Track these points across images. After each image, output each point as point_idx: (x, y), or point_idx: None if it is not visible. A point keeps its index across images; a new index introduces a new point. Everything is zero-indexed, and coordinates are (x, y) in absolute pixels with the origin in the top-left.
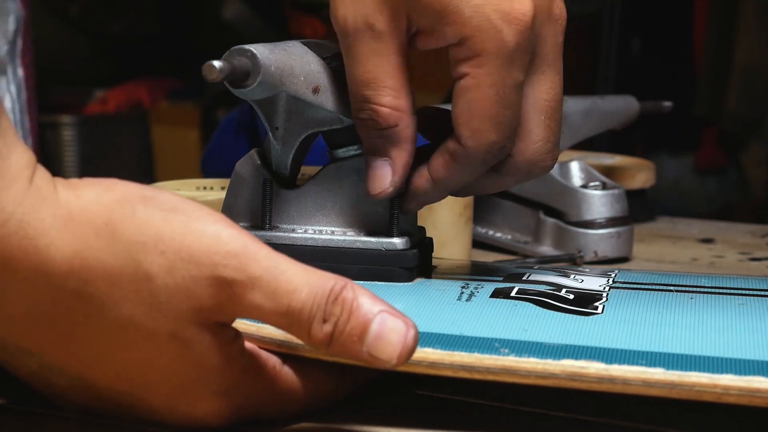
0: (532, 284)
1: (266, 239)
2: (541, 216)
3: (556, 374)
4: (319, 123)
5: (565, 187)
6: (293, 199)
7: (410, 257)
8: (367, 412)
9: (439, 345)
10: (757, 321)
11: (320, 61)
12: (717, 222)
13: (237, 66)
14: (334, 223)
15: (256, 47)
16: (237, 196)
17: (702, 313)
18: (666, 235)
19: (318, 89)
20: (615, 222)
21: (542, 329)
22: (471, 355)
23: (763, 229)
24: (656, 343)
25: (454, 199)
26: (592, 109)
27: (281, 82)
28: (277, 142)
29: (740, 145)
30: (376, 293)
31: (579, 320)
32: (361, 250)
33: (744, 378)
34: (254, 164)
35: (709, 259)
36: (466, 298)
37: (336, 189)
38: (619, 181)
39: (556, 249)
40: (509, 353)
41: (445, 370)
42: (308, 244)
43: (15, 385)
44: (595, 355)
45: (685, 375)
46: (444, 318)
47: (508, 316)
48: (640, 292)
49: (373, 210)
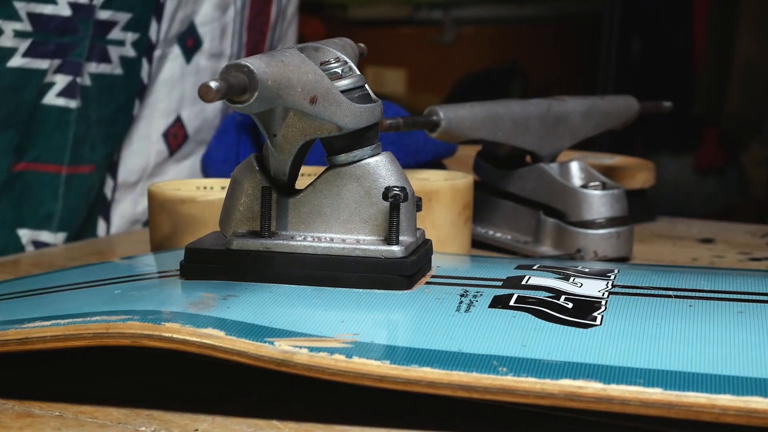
0: (531, 290)
1: (265, 247)
2: (541, 216)
3: (554, 394)
4: (317, 130)
5: (565, 187)
6: (292, 206)
7: (409, 265)
8: (368, 412)
9: (437, 363)
10: (756, 334)
11: (317, 69)
12: (717, 222)
13: (233, 83)
14: (333, 229)
15: (253, 61)
16: (235, 203)
17: (700, 324)
18: (666, 235)
19: (315, 99)
20: (615, 222)
21: (541, 344)
22: (469, 375)
23: (763, 229)
24: (654, 359)
25: (454, 199)
26: (592, 109)
27: (278, 95)
28: (275, 149)
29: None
30: (375, 302)
31: (578, 333)
32: (360, 257)
33: (742, 398)
34: (252, 170)
35: (709, 259)
36: (464, 308)
37: (335, 196)
38: (619, 181)
39: (556, 249)
40: (507, 372)
41: (444, 390)
42: (307, 252)
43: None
44: (593, 373)
45: (683, 395)
46: (442, 333)
47: (507, 330)
48: (639, 298)
49: (372, 217)
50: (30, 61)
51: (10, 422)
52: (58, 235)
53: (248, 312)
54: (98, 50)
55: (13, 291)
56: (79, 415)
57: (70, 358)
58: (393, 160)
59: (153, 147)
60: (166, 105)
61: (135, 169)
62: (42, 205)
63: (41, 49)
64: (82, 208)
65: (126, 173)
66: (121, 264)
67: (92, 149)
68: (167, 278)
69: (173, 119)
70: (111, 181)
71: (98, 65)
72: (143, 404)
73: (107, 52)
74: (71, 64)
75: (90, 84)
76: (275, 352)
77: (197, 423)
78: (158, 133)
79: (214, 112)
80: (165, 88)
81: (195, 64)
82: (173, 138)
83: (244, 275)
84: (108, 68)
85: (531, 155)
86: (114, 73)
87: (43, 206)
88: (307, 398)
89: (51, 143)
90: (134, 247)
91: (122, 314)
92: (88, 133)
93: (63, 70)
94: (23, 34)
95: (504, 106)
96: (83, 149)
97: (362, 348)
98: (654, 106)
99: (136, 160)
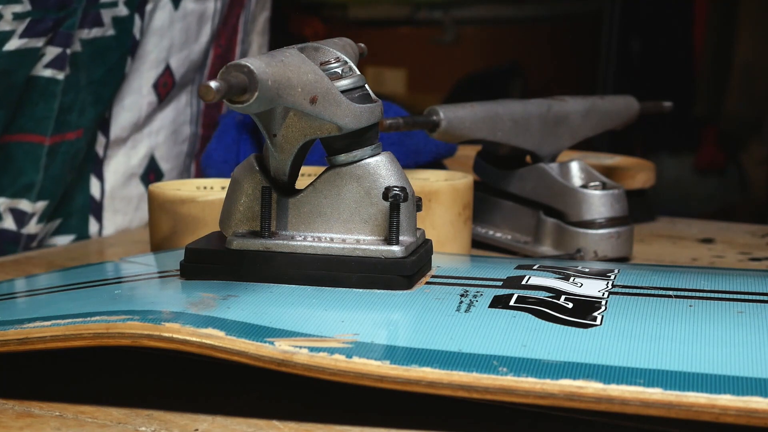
0: (531, 290)
1: (265, 247)
2: (541, 216)
3: (555, 394)
4: (317, 130)
5: (565, 187)
6: (292, 206)
7: (409, 265)
8: (368, 412)
9: (437, 363)
10: (756, 334)
11: (317, 69)
12: (717, 222)
13: (233, 83)
14: (333, 229)
15: (253, 62)
16: (235, 203)
17: (700, 324)
18: (666, 235)
19: (315, 99)
20: (615, 222)
21: (541, 344)
22: (469, 375)
23: (763, 229)
24: (654, 359)
25: (453, 199)
26: (592, 109)
27: (278, 95)
28: (276, 149)
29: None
30: (375, 302)
31: (578, 333)
32: (360, 257)
33: (742, 398)
34: (252, 170)
35: (709, 259)
36: (464, 308)
37: (335, 196)
38: (619, 181)
39: (556, 249)
40: (508, 372)
41: (444, 390)
42: (307, 252)
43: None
44: (594, 373)
45: (683, 395)
46: (443, 332)
47: (507, 330)
48: (639, 298)
49: (372, 217)
50: (27, 41)
51: (10, 422)
52: (37, 204)
53: (248, 312)
54: (91, 16)
55: (13, 291)
56: (79, 415)
57: (70, 358)
58: (393, 160)
59: (144, 99)
60: (155, 56)
61: (127, 125)
62: (22, 176)
63: (39, 27)
64: (65, 175)
65: (118, 130)
66: (121, 264)
67: (81, 114)
68: (167, 278)
69: (162, 69)
70: (103, 138)
71: (90, 30)
72: (143, 404)
73: (100, 15)
74: (62, 36)
75: (81, 50)
76: (275, 352)
77: (197, 423)
78: (148, 85)
79: (199, 54)
80: (155, 38)
81: (183, 9)
82: (163, 87)
83: (244, 275)
84: (100, 32)
85: (531, 155)
86: (106, 35)
87: (23, 176)
88: (307, 398)
89: (35, 113)
90: (134, 247)
91: (122, 314)
92: (77, 99)
93: (53, 42)
94: (22, 15)
95: (504, 106)
96: (70, 116)
97: (362, 348)
98: (654, 106)
99: (128, 115)
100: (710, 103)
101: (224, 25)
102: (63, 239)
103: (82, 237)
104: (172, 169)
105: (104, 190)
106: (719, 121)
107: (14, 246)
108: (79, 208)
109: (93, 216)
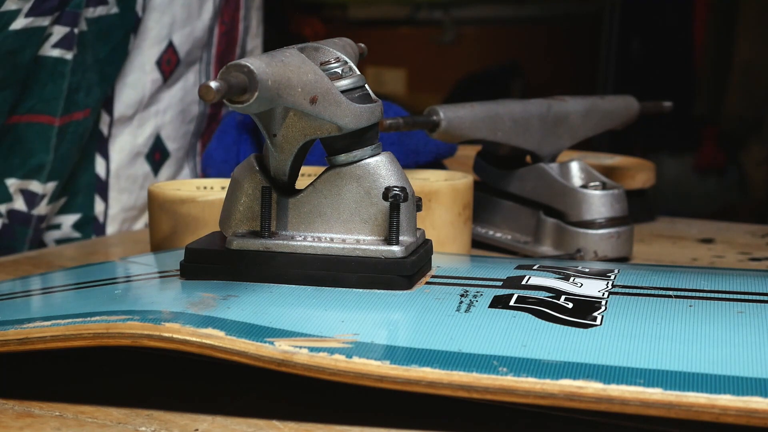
0: (531, 290)
1: (265, 247)
2: (541, 216)
3: (555, 394)
4: (317, 130)
5: (565, 187)
6: (292, 205)
7: (409, 265)
8: (368, 412)
9: (437, 363)
10: (756, 334)
11: (317, 69)
12: (717, 222)
13: (233, 83)
14: (333, 229)
15: (253, 62)
16: (235, 203)
17: (700, 324)
18: (666, 235)
19: (315, 99)
20: (615, 222)
21: (541, 344)
22: (469, 375)
23: (763, 229)
24: (654, 359)
25: (454, 199)
26: (592, 109)
27: (278, 95)
28: (275, 149)
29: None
30: (375, 302)
31: (578, 333)
32: (360, 257)
33: (742, 398)
34: (252, 170)
35: (709, 259)
36: (464, 308)
37: (335, 196)
38: (619, 181)
39: (556, 249)
40: (507, 372)
41: (444, 390)
42: (307, 252)
43: (15, 385)
44: (594, 373)
45: (683, 395)
46: (443, 332)
47: (507, 330)
48: (639, 298)
49: (372, 217)
50: (33, 20)
51: (10, 422)
52: (47, 185)
53: (248, 312)
54: None
55: (13, 291)
56: (79, 415)
57: (70, 358)
58: (393, 160)
59: (147, 77)
60: (157, 32)
61: (131, 103)
62: (32, 157)
63: (44, 6)
64: (74, 155)
65: (122, 107)
66: (121, 264)
67: (87, 93)
68: (167, 278)
69: (165, 45)
70: (107, 116)
71: (95, 9)
72: (143, 404)
73: None
74: (69, 15)
75: (86, 29)
76: (275, 352)
77: (197, 423)
78: (151, 63)
79: (203, 31)
80: (156, 14)
81: None
82: (167, 65)
83: (244, 275)
84: (104, 10)
85: (531, 155)
86: (110, 13)
87: (34, 158)
88: (307, 398)
89: (44, 94)
90: (134, 247)
91: (122, 314)
92: (84, 78)
93: (60, 21)
94: None
95: (504, 106)
96: (78, 96)
97: (362, 348)
98: (654, 106)
99: (132, 93)
100: (710, 103)
101: (226, 2)
102: (68, 218)
103: (88, 216)
104: (179, 148)
105: (109, 169)
106: (719, 121)
107: (25, 227)
108: (84, 186)
109: (98, 195)
